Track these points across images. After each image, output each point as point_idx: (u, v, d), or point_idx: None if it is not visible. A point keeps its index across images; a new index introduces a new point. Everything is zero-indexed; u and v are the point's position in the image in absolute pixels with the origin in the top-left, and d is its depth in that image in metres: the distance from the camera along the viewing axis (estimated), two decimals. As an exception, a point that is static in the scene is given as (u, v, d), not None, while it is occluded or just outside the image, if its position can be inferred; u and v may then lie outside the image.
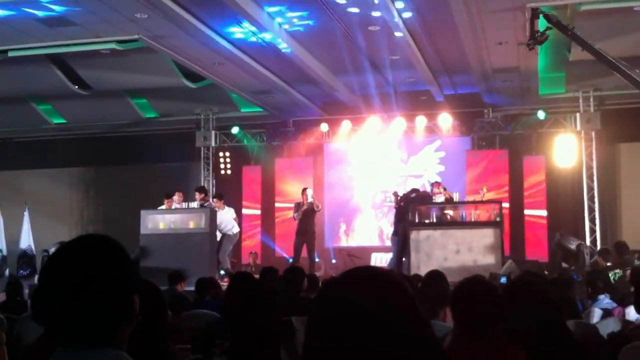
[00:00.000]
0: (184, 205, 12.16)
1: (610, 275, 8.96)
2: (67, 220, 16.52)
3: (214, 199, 12.13)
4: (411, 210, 10.60)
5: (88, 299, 1.48)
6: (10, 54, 10.86)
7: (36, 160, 16.34)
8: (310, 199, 11.82)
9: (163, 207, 12.00)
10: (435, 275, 4.78)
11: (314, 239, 11.87)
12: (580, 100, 13.44)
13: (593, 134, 13.42)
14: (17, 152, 16.24)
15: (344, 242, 14.59)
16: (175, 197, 12.03)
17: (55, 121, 15.56)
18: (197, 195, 12.07)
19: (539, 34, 8.14)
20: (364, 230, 14.52)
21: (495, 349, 2.71)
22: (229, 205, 12.47)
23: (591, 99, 13.41)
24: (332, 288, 1.25)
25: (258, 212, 15.09)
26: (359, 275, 1.25)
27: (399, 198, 11.38)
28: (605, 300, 7.13)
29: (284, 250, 14.47)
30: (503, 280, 8.69)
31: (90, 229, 16.42)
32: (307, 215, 11.72)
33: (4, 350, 3.25)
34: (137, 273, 1.61)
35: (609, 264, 9.91)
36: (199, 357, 3.52)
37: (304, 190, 12.06)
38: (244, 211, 14.93)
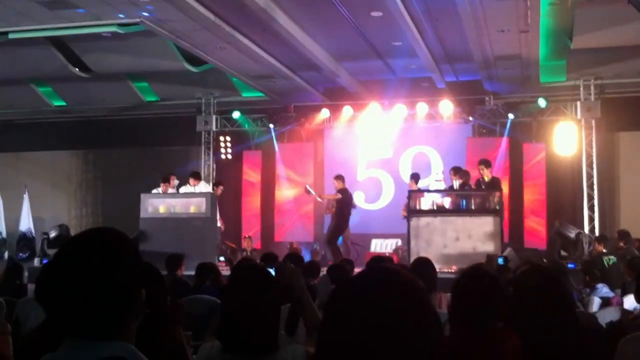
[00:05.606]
0: (179, 189, 12.16)
1: (604, 260, 9.03)
2: (67, 203, 16.54)
3: (190, 178, 12.14)
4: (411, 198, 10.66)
5: (97, 293, 1.49)
6: (11, 35, 10.75)
7: (36, 143, 16.29)
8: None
9: (159, 189, 11.90)
10: (422, 262, 5.03)
11: (340, 227, 11.91)
12: (581, 89, 13.42)
13: (593, 122, 13.41)
14: (17, 134, 16.17)
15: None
16: (172, 182, 12.02)
17: (56, 103, 15.51)
18: (192, 181, 12.08)
19: None
20: (364, 215, 14.50)
21: (493, 342, 2.71)
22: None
23: (592, 87, 13.40)
24: (347, 290, 1.27)
25: (258, 197, 15.10)
26: (374, 277, 1.28)
27: None
28: (603, 289, 7.19)
29: (282, 236, 14.50)
30: (500, 261, 8.78)
31: (90, 212, 16.46)
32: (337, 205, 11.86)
33: (8, 339, 3.26)
34: (143, 265, 1.62)
35: (604, 250, 9.98)
36: (200, 344, 3.52)
37: (338, 177, 12.04)
38: (244, 196, 14.99)
